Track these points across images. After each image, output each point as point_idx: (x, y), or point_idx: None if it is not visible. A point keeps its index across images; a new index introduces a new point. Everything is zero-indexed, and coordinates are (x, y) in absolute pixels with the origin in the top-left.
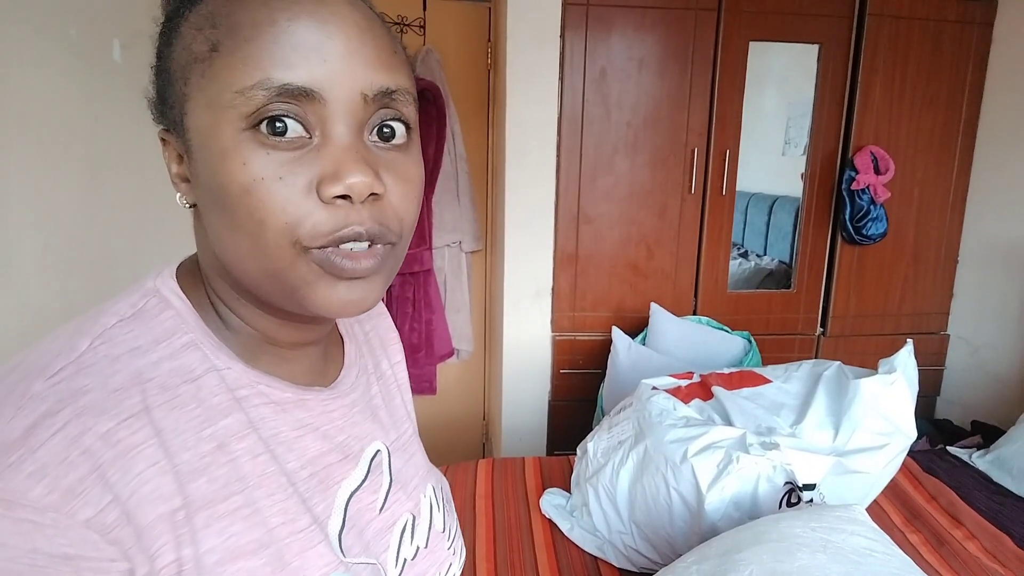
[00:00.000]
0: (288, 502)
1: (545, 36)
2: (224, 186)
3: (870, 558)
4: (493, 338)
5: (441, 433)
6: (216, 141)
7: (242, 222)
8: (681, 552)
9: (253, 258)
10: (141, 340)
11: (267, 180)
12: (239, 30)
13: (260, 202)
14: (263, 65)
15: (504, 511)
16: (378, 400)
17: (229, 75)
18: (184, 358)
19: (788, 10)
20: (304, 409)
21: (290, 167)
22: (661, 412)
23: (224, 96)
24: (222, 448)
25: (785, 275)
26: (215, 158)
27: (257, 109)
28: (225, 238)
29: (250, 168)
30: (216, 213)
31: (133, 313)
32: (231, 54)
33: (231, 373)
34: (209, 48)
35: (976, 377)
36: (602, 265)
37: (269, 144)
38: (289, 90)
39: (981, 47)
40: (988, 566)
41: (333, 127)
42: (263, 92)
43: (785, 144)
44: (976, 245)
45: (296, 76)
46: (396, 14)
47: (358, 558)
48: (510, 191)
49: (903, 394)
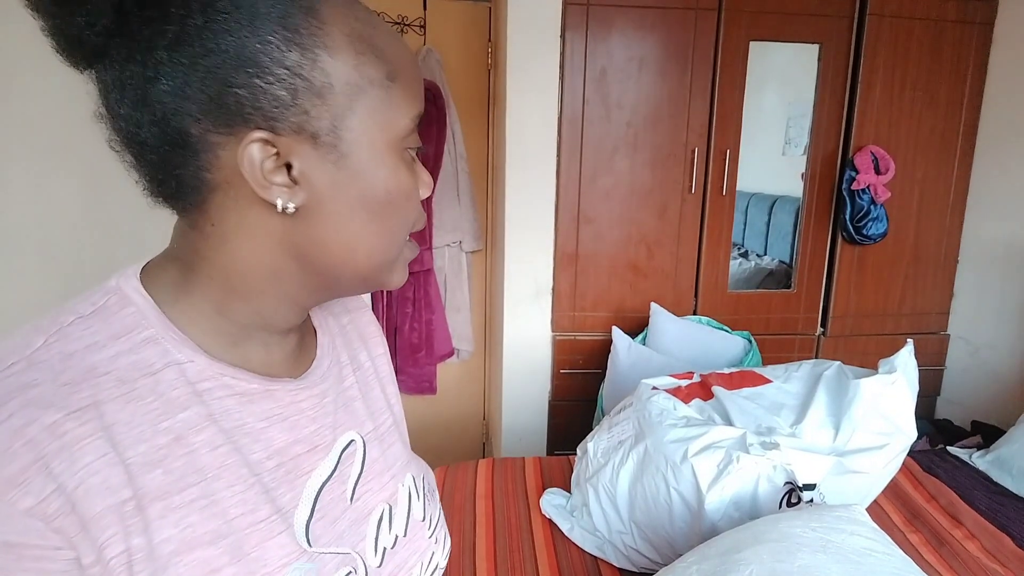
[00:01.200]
0: (248, 493)
1: (545, 36)
2: (391, 194)
3: (870, 558)
4: (493, 338)
5: (441, 433)
6: (388, 158)
7: (393, 222)
8: (681, 552)
9: (389, 250)
10: (98, 336)
11: (414, 190)
12: (400, 65)
13: (411, 209)
14: (417, 100)
15: (504, 511)
16: (353, 391)
17: (403, 103)
18: (143, 352)
19: (788, 10)
20: (271, 400)
21: (415, 177)
22: (661, 412)
23: (397, 120)
24: (180, 440)
25: (785, 275)
26: (386, 172)
27: (408, 135)
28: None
29: (409, 181)
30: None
31: (92, 311)
32: (405, 87)
33: (193, 367)
34: (386, 77)
35: (976, 377)
36: (602, 265)
37: (412, 161)
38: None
39: (981, 47)
40: (988, 566)
41: None
42: (415, 120)
43: (785, 144)
44: (976, 245)
45: (422, 106)
46: (396, 14)
47: (328, 548)
48: (510, 191)
49: (903, 394)
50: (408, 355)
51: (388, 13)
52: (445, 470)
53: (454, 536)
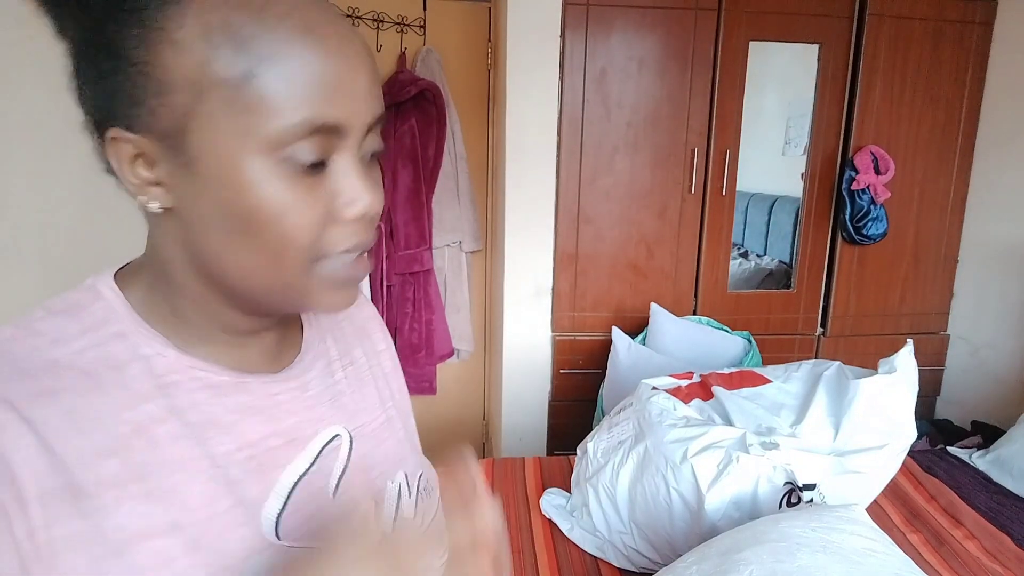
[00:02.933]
0: (208, 485)
1: (545, 36)
2: (251, 211)
3: (870, 558)
4: (493, 338)
5: (441, 433)
6: (243, 167)
7: (264, 243)
8: (681, 552)
9: (267, 272)
10: (67, 331)
11: (296, 207)
12: (275, 62)
13: (290, 228)
14: (304, 104)
15: (504, 511)
16: (342, 386)
17: (267, 108)
18: (110, 347)
19: (788, 10)
20: (244, 392)
21: (313, 192)
22: (661, 412)
23: (259, 127)
24: (140, 431)
25: (785, 275)
26: (240, 184)
27: (292, 143)
28: (232, 253)
29: (282, 196)
30: (227, 231)
31: (64, 307)
32: (268, 88)
33: (163, 360)
34: (242, 76)
35: (976, 377)
36: (602, 265)
37: (299, 173)
38: (325, 127)
39: (981, 47)
40: (988, 566)
41: (348, 154)
42: (301, 129)
43: (785, 144)
44: (976, 245)
45: (332, 115)
46: (396, 14)
47: (300, 542)
48: (510, 191)
49: (903, 394)
50: (408, 355)
51: (388, 13)
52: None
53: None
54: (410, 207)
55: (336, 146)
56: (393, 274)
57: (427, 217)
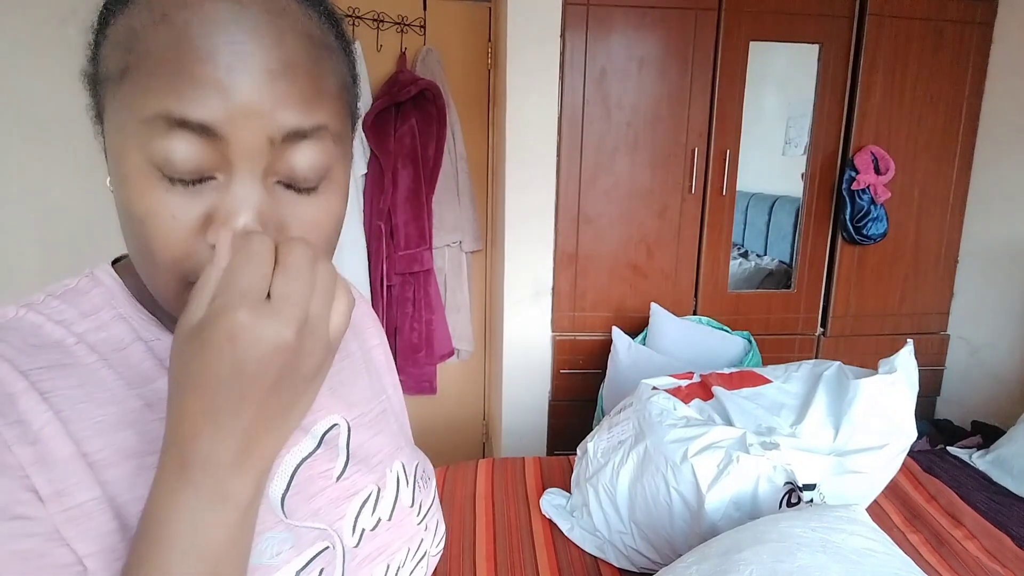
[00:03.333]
0: None
1: (545, 36)
2: (124, 208)
3: (870, 558)
4: (493, 338)
5: (441, 433)
6: (121, 164)
7: (137, 246)
8: (681, 552)
9: (145, 276)
10: (68, 314)
11: (162, 216)
12: (148, 56)
13: (152, 235)
14: (162, 96)
15: (504, 511)
16: (340, 377)
17: (133, 102)
18: (112, 329)
19: (788, 10)
20: None
21: (186, 205)
22: (661, 412)
23: (129, 123)
24: (151, 407)
25: (785, 275)
26: (119, 180)
27: (158, 142)
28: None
29: (147, 201)
30: (123, 227)
31: (63, 291)
32: (136, 81)
33: (161, 344)
34: (119, 71)
35: (976, 377)
36: (602, 265)
37: (168, 179)
38: (187, 124)
39: (981, 47)
40: (988, 566)
41: (236, 170)
42: (163, 123)
43: (785, 144)
44: (976, 245)
45: (195, 112)
46: (396, 14)
47: (304, 522)
48: (510, 191)
49: (903, 394)
50: (408, 355)
51: (388, 13)
52: (445, 470)
53: (454, 536)
54: (410, 207)
55: (224, 155)
56: (393, 274)
57: (427, 217)
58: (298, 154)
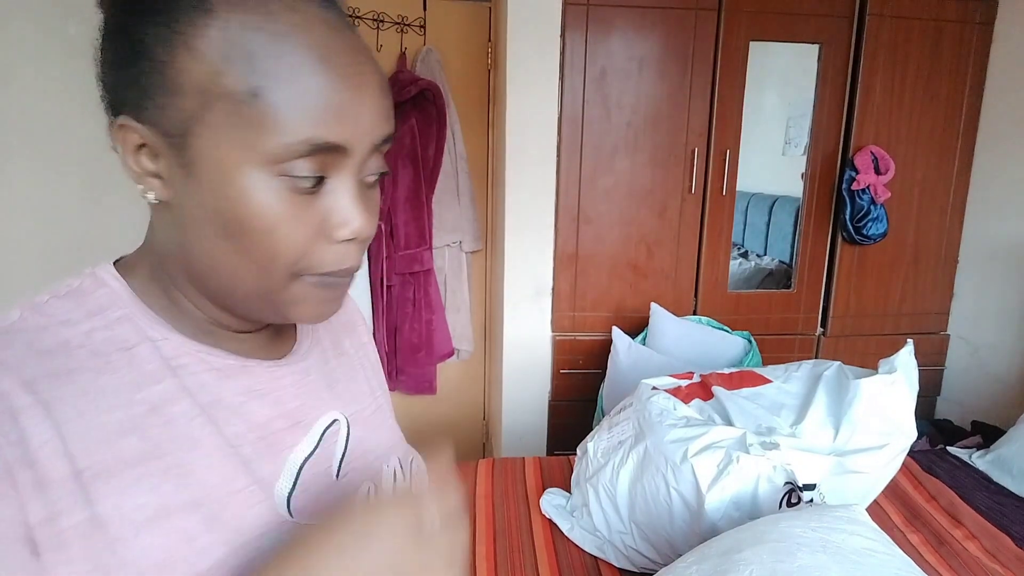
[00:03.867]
0: (225, 463)
1: (545, 36)
2: (242, 220)
3: (870, 558)
4: (493, 338)
5: (441, 433)
6: (240, 178)
7: (251, 252)
8: (681, 552)
9: (251, 279)
10: (72, 314)
11: (288, 221)
12: (282, 83)
13: (279, 241)
14: (307, 124)
15: (504, 511)
16: (337, 374)
17: (270, 125)
18: (118, 329)
19: (788, 10)
20: (249, 376)
21: (307, 209)
22: (661, 412)
23: (260, 142)
24: (156, 411)
25: (785, 275)
26: (236, 193)
27: (292, 160)
28: (218, 256)
29: (275, 209)
30: (216, 235)
31: (67, 292)
32: (275, 107)
33: (168, 344)
34: (249, 92)
35: (976, 377)
36: (602, 265)
37: (294, 189)
38: (327, 148)
39: (981, 47)
40: (988, 566)
41: (347, 174)
42: (302, 147)
43: (785, 144)
44: (976, 245)
45: (334, 135)
46: (396, 14)
47: (311, 520)
48: (510, 191)
49: (903, 394)
50: (408, 355)
51: (388, 13)
52: None
53: None
54: (410, 207)
55: (337, 165)
56: (393, 274)
57: (427, 217)
58: (378, 156)
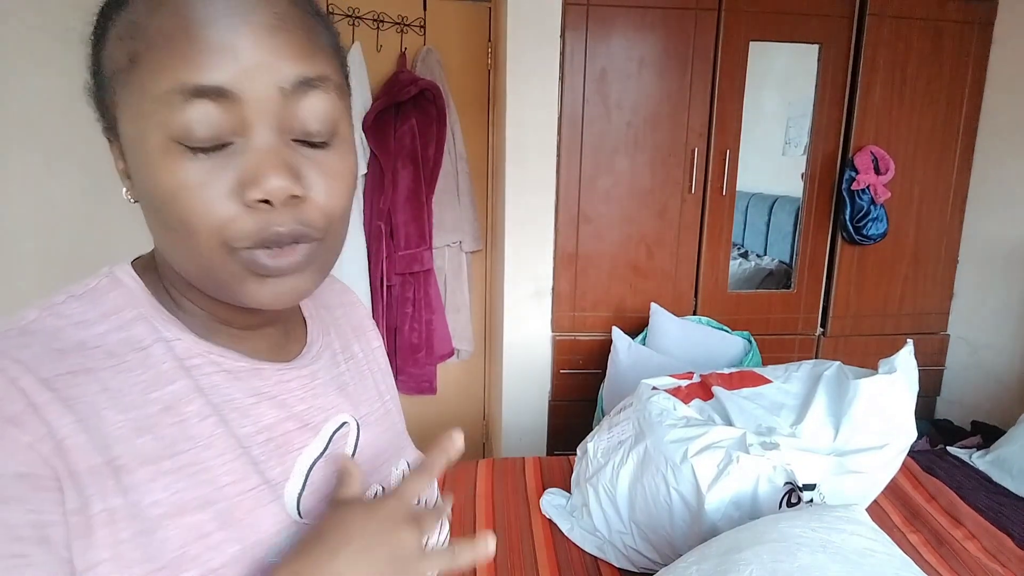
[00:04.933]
0: (237, 462)
1: (545, 36)
2: (152, 191)
3: (870, 558)
4: (493, 338)
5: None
6: (143, 149)
7: (173, 225)
8: (681, 552)
9: (187, 257)
10: (89, 315)
11: (192, 187)
12: (154, 39)
13: (187, 208)
14: (176, 69)
15: (504, 511)
16: (346, 377)
17: (145, 83)
18: (133, 330)
19: (788, 10)
20: (259, 378)
21: (214, 172)
22: (661, 412)
23: (145, 105)
24: (169, 410)
25: (785, 275)
26: (144, 165)
27: (176, 115)
28: (161, 236)
29: (176, 175)
30: (151, 214)
31: (84, 292)
32: (147, 64)
33: (181, 344)
34: (128, 59)
35: (976, 377)
36: (602, 265)
37: (192, 151)
38: (203, 91)
39: (981, 47)
40: (988, 566)
41: (254, 129)
42: (179, 96)
43: (785, 144)
44: (976, 245)
45: (207, 77)
46: (396, 14)
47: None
48: (510, 191)
49: (903, 394)
50: (408, 355)
51: (388, 13)
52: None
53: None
54: (410, 207)
55: (241, 117)
56: (393, 274)
57: (427, 217)
58: (308, 106)
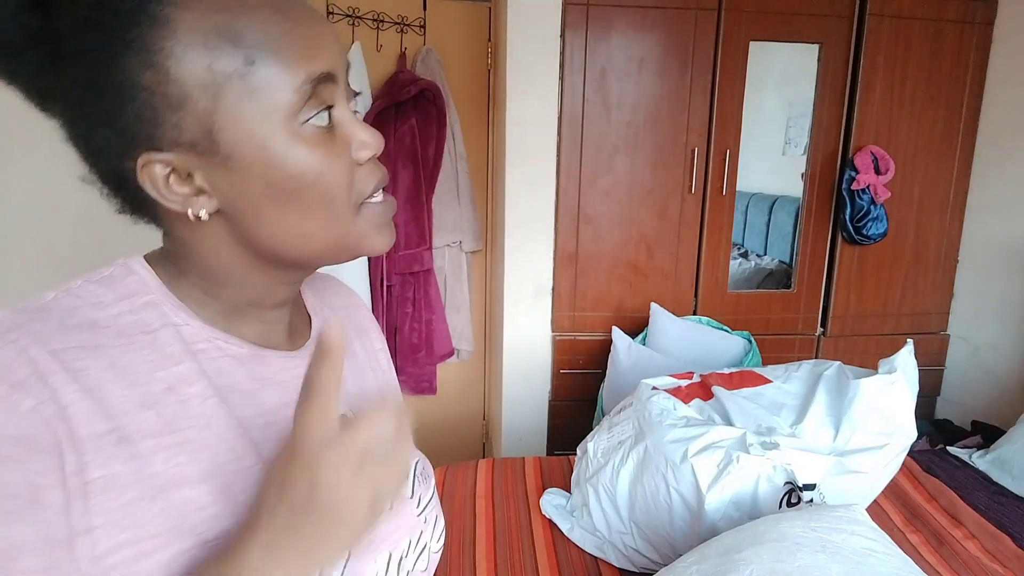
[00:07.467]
0: (236, 442)
1: (545, 36)
2: (295, 177)
3: (870, 558)
4: (493, 338)
5: (441, 433)
6: (276, 143)
7: (315, 204)
8: (681, 552)
9: (324, 229)
10: (104, 297)
11: (329, 162)
12: (262, 39)
13: (330, 182)
14: (302, 64)
15: (504, 511)
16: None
17: (275, 80)
18: (143, 314)
19: (788, 10)
20: (263, 364)
21: (334, 146)
22: (661, 412)
23: (276, 100)
24: (173, 390)
25: (785, 275)
26: (279, 157)
27: (305, 105)
28: (286, 228)
29: (316, 156)
30: (278, 209)
31: (100, 278)
32: (271, 63)
33: (189, 329)
34: (245, 62)
35: (976, 377)
36: (602, 265)
37: (321, 131)
38: (325, 77)
39: (981, 47)
40: (988, 566)
41: (344, 103)
42: (308, 86)
43: (785, 144)
44: (976, 245)
45: (324, 64)
46: (396, 14)
47: None
48: (510, 191)
49: (903, 394)
50: (408, 355)
51: (388, 13)
52: (445, 470)
53: (454, 536)
54: (410, 207)
55: (332, 96)
56: (393, 274)
57: (427, 217)
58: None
